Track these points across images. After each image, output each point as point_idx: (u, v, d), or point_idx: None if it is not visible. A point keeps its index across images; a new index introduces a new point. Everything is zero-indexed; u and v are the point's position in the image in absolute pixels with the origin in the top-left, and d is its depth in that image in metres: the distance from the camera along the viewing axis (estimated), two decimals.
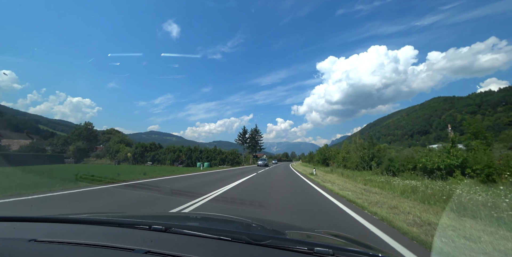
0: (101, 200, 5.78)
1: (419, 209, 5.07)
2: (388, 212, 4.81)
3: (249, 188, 8.87)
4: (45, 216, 1.41)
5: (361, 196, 6.90)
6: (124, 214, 2.07)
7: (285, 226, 2.06)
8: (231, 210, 5.22)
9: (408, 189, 7.93)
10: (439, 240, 3.11)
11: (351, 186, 9.63)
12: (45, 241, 1.00)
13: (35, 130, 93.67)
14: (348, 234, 1.86)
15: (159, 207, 5.03)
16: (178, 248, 0.97)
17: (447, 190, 7.03)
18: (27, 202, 5.35)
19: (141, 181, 10.13)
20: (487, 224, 3.99)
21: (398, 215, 4.53)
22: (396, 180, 10.48)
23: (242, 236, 1.05)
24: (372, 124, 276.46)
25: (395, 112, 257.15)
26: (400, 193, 7.49)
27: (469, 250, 2.82)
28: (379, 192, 7.98)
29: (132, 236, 1.12)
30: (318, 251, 0.93)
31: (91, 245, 0.94)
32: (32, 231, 1.18)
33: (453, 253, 2.75)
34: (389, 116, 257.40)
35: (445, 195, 6.31)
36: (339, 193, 7.46)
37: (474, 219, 4.29)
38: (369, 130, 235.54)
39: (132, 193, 7.06)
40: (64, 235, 1.12)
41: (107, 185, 8.63)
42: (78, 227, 1.27)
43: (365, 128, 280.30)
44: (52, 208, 4.98)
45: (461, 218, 4.35)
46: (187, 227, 1.19)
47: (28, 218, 1.37)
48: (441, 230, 3.55)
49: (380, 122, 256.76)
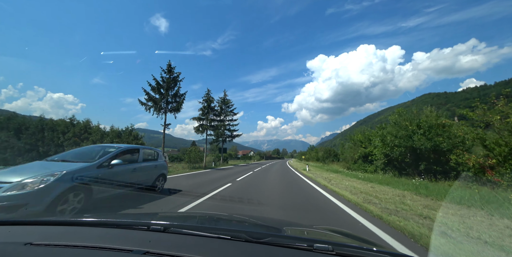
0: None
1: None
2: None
3: None
4: (40, 219, 1.38)
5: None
6: (122, 214, 2.09)
7: (284, 223, 2.02)
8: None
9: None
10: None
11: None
12: (41, 244, 0.98)
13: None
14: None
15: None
16: (177, 248, 0.96)
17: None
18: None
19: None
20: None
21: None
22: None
23: (241, 234, 1.07)
24: (363, 121, 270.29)
25: (385, 109, 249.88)
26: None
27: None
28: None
29: (130, 237, 1.10)
30: (317, 247, 0.95)
31: (89, 247, 0.93)
32: (28, 234, 1.14)
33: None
34: (379, 113, 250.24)
35: None
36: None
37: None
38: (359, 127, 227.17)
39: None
40: (61, 237, 1.09)
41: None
42: (75, 229, 1.25)
43: (355, 125, 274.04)
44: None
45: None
46: (186, 227, 1.19)
47: (23, 222, 1.35)
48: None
49: (370, 119, 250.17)
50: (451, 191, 6.64)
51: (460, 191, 6.17)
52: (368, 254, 0.97)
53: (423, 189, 7.22)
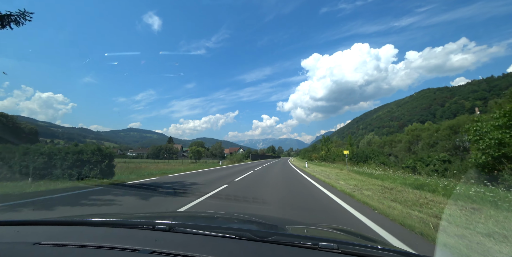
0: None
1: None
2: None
3: None
4: (48, 219, 1.40)
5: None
6: (128, 214, 2.12)
7: (287, 221, 2.11)
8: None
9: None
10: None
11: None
12: (49, 244, 0.98)
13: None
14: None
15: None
16: (183, 247, 0.97)
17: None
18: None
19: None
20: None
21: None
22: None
23: (246, 233, 1.08)
24: (359, 119, 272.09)
25: (382, 106, 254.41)
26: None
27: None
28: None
29: (136, 237, 1.12)
30: (323, 246, 0.95)
31: (96, 247, 0.94)
32: (36, 234, 1.16)
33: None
34: (375, 110, 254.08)
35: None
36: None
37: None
38: (356, 125, 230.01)
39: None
40: (68, 237, 1.11)
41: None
42: (82, 229, 1.27)
43: (352, 123, 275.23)
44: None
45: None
46: (190, 226, 1.20)
47: (31, 221, 1.35)
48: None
49: (366, 116, 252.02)
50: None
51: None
52: (373, 252, 0.97)
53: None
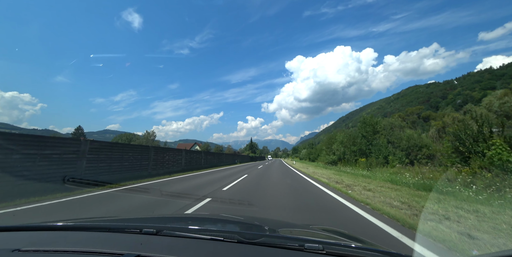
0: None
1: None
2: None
3: None
4: (29, 225, 1.32)
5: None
6: (115, 218, 1.90)
7: (279, 223, 2.01)
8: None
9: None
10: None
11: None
12: (29, 250, 0.94)
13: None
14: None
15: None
16: (169, 250, 0.95)
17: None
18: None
19: None
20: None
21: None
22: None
23: (234, 235, 1.06)
24: (345, 117, 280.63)
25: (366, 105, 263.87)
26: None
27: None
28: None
29: (122, 241, 1.08)
30: (308, 247, 0.95)
31: (79, 252, 0.91)
32: (15, 240, 1.10)
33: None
34: (360, 109, 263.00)
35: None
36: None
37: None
38: (344, 123, 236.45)
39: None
40: (50, 243, 1.05)
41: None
42: (65, 234, 1.20)
43: (338, 122, 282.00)
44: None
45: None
46: (178, 229, 1.18)
47: (11, 227, 1.28)
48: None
49: (352, 115, 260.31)
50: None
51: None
52: (357, 252, 0.98)
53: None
